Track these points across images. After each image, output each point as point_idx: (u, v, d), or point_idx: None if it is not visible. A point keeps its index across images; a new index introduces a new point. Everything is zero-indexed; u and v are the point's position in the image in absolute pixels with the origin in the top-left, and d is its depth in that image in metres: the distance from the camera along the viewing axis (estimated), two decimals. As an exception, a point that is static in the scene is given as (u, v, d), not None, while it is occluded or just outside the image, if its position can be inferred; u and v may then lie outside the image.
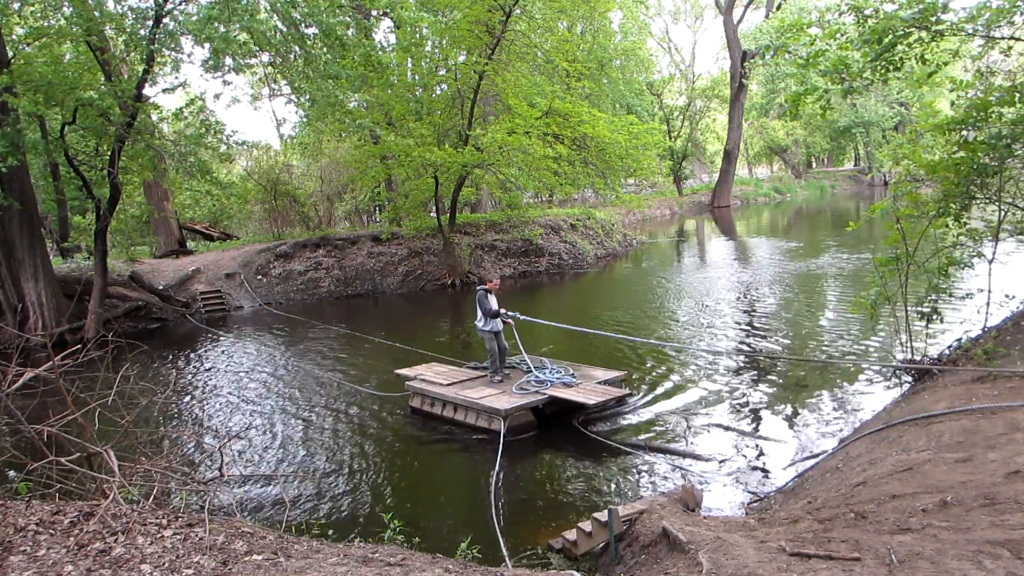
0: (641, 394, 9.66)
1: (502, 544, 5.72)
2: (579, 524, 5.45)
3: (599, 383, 8.95)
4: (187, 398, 11.74)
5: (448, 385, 9.26)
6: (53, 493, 4.40)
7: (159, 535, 3.65)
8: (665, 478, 7.07)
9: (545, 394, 8.62)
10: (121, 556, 3.37)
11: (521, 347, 9.52)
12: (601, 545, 5.19)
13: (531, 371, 9.24)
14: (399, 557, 4.00)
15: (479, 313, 9.28)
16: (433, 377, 9.65)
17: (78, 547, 3.42)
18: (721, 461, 7.26)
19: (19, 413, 4.44)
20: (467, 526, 6.23)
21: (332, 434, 9.23)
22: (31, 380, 4.74)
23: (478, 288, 9.41)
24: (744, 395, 9.35)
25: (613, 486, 7.02)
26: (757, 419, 8.45)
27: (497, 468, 7.32)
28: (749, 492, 6.55)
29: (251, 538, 3.86)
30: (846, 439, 6.76)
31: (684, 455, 7.56)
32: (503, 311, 9.30)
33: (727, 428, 8.21)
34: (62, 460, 4.41)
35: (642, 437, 8.18)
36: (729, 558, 3.57)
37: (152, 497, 4.42)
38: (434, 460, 8.37)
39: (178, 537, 3.65)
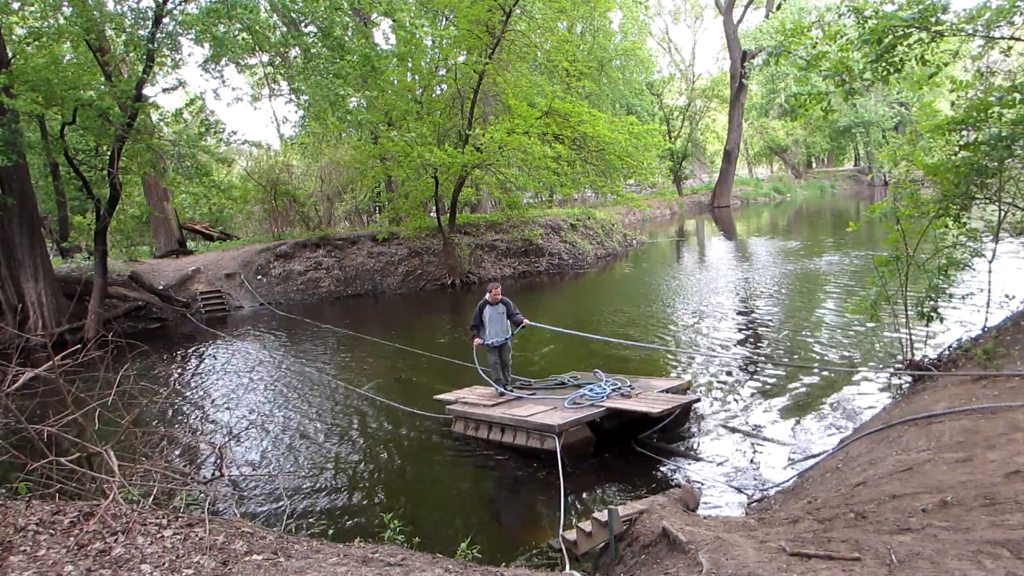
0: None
1: (564, 535, 5.60)
2: (579, 524, 5.45)
3: (660, 392, 8.23)
4: (187, 398, 11.73)
5: (493, 405, 8.54)
6: (53, 493, 4.40)
7: (159, 535, 3.65)
8: (665, 478, 7.07)
9: (602, 406, 7.87)
10: (121, 556, 3.37)
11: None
12: (601, 545, 5.19)
13: (584, 385, 8.57)
14: (399, 557, 4.00)
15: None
16: (476, 399, 8.89)
17: (78, 547, 3.42)
18: (721, 461, 7.26)
19: (19, 413, 4.44)
20: (468, 527, 6.23)
21: (331, 434, 9.22)
22: (31, 380, 4.75)
23: None
24: (744, 395, 9.34)
25: (613, 486, 7.02)
26: (757, 419, 8.44)
27: (562, 486, 6.48)
28: (749, 492, 6.55)
29: (251, 538, 3.86)
30: (846, 439, 6.76)
31: (684, 455, 7.55)
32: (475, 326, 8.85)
33: (727, 428, 8.21)
34: (62, 460, 4.41)
35: (643, 437, 8.17)
36: (729, 558, 3.56)
37: (152, 497, 4.42)
38: (435, 460, 8.36)
39: (178, 537, 3.66)
